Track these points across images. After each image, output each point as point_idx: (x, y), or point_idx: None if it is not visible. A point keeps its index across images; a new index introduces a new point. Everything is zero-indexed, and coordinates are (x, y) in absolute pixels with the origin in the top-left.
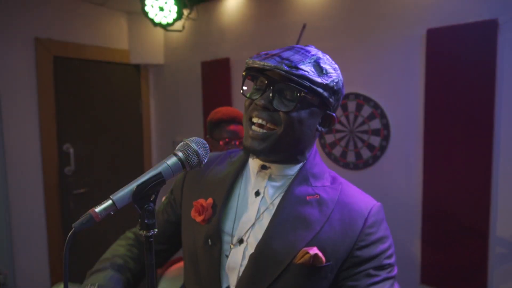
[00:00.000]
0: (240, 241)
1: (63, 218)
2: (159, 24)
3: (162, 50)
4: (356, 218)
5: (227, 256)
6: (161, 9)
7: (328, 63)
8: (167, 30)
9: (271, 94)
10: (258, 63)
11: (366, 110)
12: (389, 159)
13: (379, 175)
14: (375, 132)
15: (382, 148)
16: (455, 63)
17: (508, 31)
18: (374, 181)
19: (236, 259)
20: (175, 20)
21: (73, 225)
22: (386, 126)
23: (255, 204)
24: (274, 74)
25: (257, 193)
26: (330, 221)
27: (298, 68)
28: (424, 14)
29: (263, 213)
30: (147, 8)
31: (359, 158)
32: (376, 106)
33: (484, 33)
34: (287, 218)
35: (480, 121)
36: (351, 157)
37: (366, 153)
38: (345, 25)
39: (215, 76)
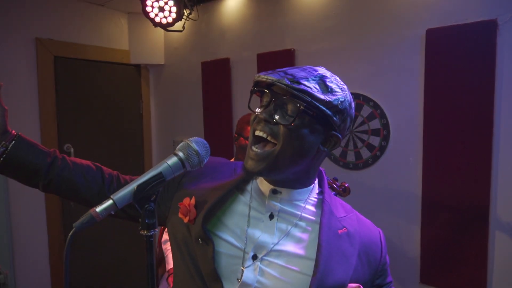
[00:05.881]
0: (254, 257)
1: (63, 218)
2: (159, 24)
3: (162, 50)
4: (375, 249)
5: (238, 280)
6: (161, 9)
7: (335, 83)
8: (167, 30)
9: (273, 108)
10: (262, 77)
11: (366, 110)
12: (389, 159)
13: (379, 175)
14: (375, 132)
15: (382, 148)
16: (454, 63)
17: (508, 31)
18: (374, 181)
19: (251, 276)
20: (175, 21)
21: (73, 225)
22: (386, 126)
23: (271, 227)
24: (278, 89)
25: (271, 216)
26: (359, 254)
27: (299, 83)
28: (424, 14)
29: (281, 238)
30: (147, 8)
31: (359, 158)
32: (376, 106)
33: (483, 33)
34: (330, 254)
35: (479, 121)
36: (351, 157)
37: (366, 153)
38: (345, 25)
39: (215, 76)
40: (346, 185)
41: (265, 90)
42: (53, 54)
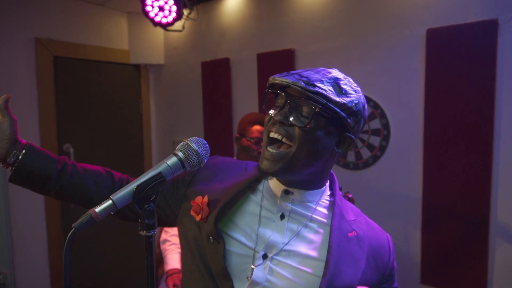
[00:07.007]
0: (264, 257)
1: (63, 218)
2: (159, 24)
3: (162, 50)
4: (383, 254)
5: (247, 278)
6: (161, 8)
7: (348, 85)
8: (167, 30)
9: (288, 110)
10: (277, 79)
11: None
12: (389, 159)
13: (379, 175)
14: (375, 132)
15: (382, 148)
16: (455, 63)
17: (508, 31)
18: (374, 181)
19: (261, 275)
20: (175, 20)
21: (73, 225)
22: (386, 126)
23: (282, 227)
24: (292, 91)
25: (282, 216)
26: (368, 257)
27: (315, 86)
28: (424, 14)
29: (292, 238)
30: (147, 8)
31: (359, 158)
32: (376, 106)
33: (484, 33)
34: (340, 256)
35: (480, 121)
36: (351, 157)
37: (366, 153)
38: (345, 25)
39: (215, 76)
40: (349, 195)
41: (280, 92)
42: (52, 54)
